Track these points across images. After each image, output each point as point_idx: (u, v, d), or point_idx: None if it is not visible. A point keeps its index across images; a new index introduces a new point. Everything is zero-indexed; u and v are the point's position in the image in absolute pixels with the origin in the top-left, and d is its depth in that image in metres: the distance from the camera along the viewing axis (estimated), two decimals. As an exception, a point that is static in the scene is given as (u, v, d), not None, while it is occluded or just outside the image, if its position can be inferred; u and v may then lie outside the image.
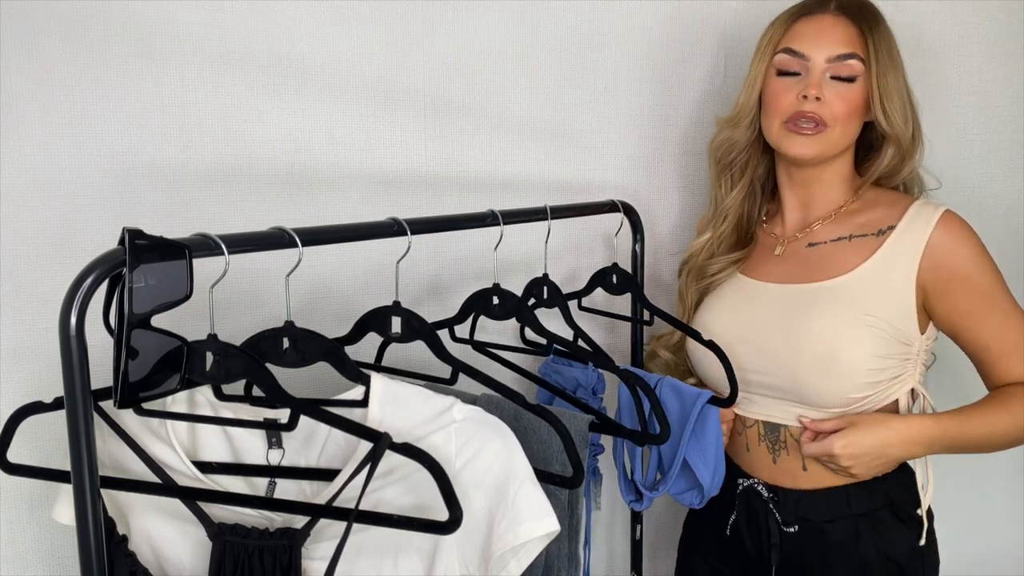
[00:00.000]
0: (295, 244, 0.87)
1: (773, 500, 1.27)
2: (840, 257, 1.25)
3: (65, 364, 0.72)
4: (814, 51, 1.22)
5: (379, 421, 0.95)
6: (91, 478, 0.75)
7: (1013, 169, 1.65)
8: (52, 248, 1.24)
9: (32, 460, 0.93)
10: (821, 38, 1.22)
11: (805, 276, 1.26)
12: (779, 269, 1.30)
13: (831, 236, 1.28)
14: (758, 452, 1.29)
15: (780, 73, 1.25)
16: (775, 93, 1.25)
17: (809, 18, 1.24)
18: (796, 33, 1.24)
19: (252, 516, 0.92)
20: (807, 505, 1.25)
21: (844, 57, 1.21)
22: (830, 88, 1.21)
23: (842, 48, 1.21)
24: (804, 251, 1.29)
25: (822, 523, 1.24)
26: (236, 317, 1.31)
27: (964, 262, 1.20)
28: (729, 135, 1.33)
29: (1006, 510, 1.79)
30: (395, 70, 1.38)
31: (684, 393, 1.23)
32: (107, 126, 1.25)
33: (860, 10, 1.24)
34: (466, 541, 0.93)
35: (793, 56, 1.23)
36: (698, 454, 1.22)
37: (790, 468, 1.26)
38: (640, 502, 1.30)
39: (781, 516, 1.26)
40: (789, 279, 1.28)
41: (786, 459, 1.26)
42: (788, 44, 1.24)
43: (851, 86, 1.22)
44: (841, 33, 1.22)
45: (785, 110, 1.23)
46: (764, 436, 1.28)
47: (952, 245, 1.20)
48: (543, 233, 1.23)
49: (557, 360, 1.38)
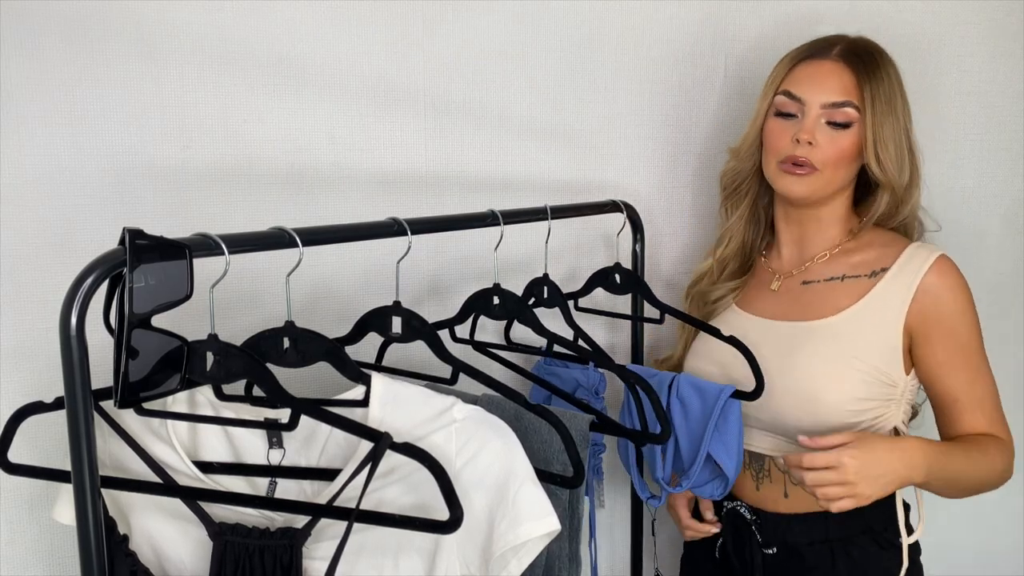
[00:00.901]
0: (295, 244, 0.87)
1: (755, 523, 1.29)
2: (832, 297, 1.27)
3: (65, 364, 0.72)
4: (810, 96, 1.23)
5: (379, 421, 0.95)
6: (91, 478, 0.75)
7: (1013, 169, 1.65)
8: (52, 248, 1.24)
9: (32, 460, 0.93)
10: (818, 84, 1.23)
11: (797, 314, 1.29)
12: (773, 305, 1.32)
13: (825, 275, 1.30)
14: (743, 478, 1.31)
15: (778, 114, 1.27)
16: (772, 133, 1.27)
17: (811, 62, 1.26)
18: (796, 77, 1.26)
19: (253, 516, 0.92)
20: (786, 528, 1.27)
21: (839, 105, 1.22)
22: (824, 132, 1.23)
23: (837, 96, 1.22)
24: (798, 288, 1.31)
25: (800, 547, 1.26)
26: (236, 317, 1.31)
27: (950, 313, 1.21)
28: (735, 165, 1.37)
29: (1006, 510, 1.79)
30: (395, 70, 1.38)
31: (704, 389, 1.24)
32: (107, 126, 1.25)
33: (861, 57, 1.24)
34: (467, 541, 0.93)
35: (791, 99, 1.25)
36: (722, 447, 1.23)
37: (772, 495, 1.29)
38: (658, 499, 1.30)
39: (762, 538, 1.29)
40: (782, 316, 1.30)
41: (769, 486, 1.29)
42: (787, 87, 1.26)
43: (845, 132, 1.23)
44: (838, 81, 1.23)
45: (780, 151, 1.25)
46: (749, 464, 1.30)
47: (942, 293, 1.21)
48: (543, 233, 1.23)
49: (551, 362, 1.38)
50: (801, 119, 1.24)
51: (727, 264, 1.39)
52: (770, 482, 1.28)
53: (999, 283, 1.31)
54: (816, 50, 1.27)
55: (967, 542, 1.73)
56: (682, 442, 1.26)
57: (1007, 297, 1.67)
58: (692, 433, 1.24)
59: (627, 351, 1.46)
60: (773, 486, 1.28)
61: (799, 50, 1.29)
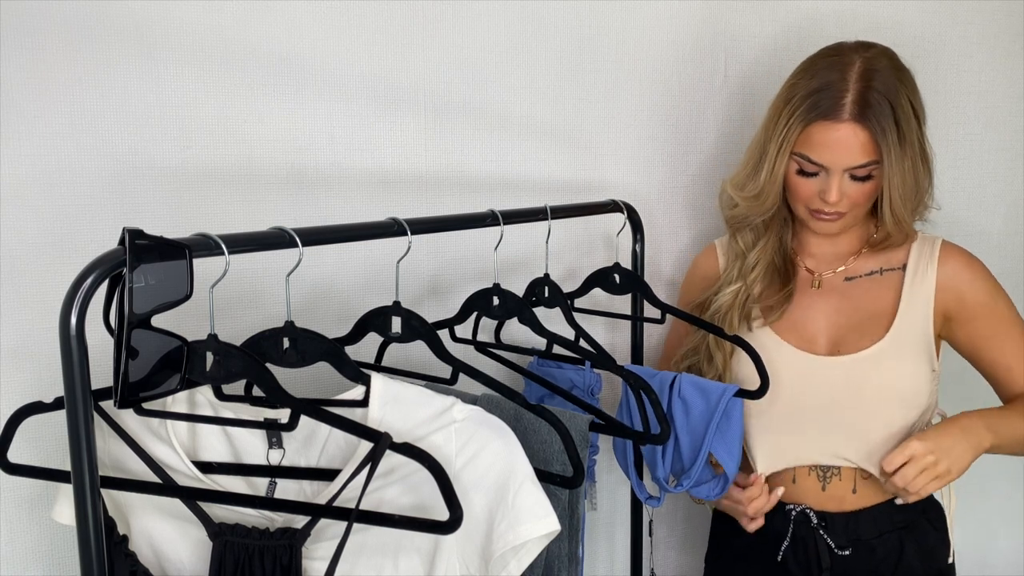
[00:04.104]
0: (295, 244, 0.87)
1: (822, 526, 1.29)
2: (877, 293, 1.31)
3: (65, 364, 0.72)
4: (831, 163, 1.21)
5: (379, 421, 0.95)
6: (91, 478, 0.75)
7: (1013, 169, 1.65)
8: (52, 248, 1.24)
9: (32, 460, 0.93)
10: (838, 152, 1.21)
11: (850, 312, 1.31)
12: (822, 306, 1.33)
13: (865, 270, 1.33)
14: (807, 482, 1.31)
15: (800, 173, 1.25)
16: (797, 186, 1.26)
17: (824, 124, 1.20)
18: (812, 142, 1.22)
19: (252, 516, 0.92)
20: (855, 525, 1.28)
21: (861, 167, 1.21)
22: (848, 185, 1.23)
23: (858, 160, 1.21)
24: (843, 285, 1.34)
25: (871, 540, 1.28)
26: (236, 317, 1.31)
27: (984, 292, 1.29)
28: (748, 208, 1.31)
29: (1006, 510, 1.79)
30: (395, 70, 1.38)
31: (707, 388, 1.24)
32: (107, 126, 1.25)
33: (874, 109, 1.19)
34: (466, 541, 0.93)
35: (810, 163, 1.23)
36: (723, 447, 1.23)
37: (838, 493, 1.29)
38: (658, 500, 1.30)
39: (833, 540, 1.29)
40: (835, 316, 1.31)
41: (837, 484, 1.30)
42: (805, 151, 1.23)
43: (868, 182, 1.23)
44: (857, 144, 1.20)
45: (807, 200, 1.26)
46: (814, 469, 1.31)
47: (970, 276, 1.29)
48: (543, 233, 1.23)
49: (544, 363, 1.37)
50: (824, 177, 1.23)
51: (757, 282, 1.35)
52: (839, 480, 1.29)
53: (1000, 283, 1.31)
54: (827, 108, 1.20)
55: (967, 542, 1.73)
56: (683, 441, 1.26)
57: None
58: (694, 432, 1.24)
59: (627, 351, 1.46)
60: (842, 483, 1.29)
61: (807, 106, 1.21)
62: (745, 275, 1.35)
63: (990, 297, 1.29)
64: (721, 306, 1.36)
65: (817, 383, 1.28)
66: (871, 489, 1.28)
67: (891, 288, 1.31)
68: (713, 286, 1.40)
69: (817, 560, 1.29)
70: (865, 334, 1.29)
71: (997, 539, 1.80)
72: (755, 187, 1.29)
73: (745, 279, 1.35)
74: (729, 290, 1.36)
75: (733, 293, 1.35)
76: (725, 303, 1.36)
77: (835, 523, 1.29)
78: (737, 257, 1.38)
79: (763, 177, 1.27)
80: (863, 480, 1.28)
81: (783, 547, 1.31)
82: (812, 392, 1.28)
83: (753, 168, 1.29)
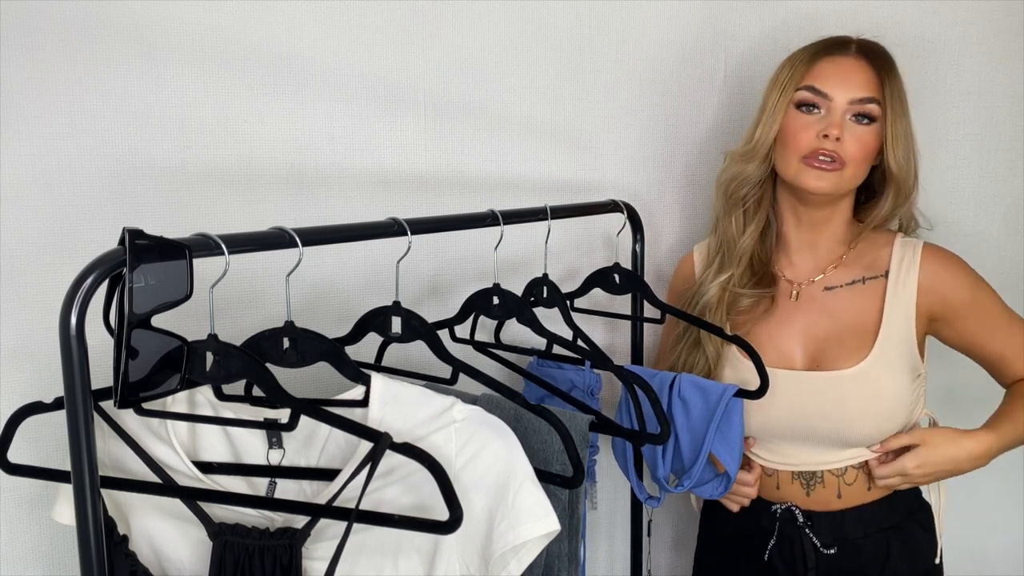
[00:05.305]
0: (295, 244, 0.87)
1: (808, 525, 1.29)
2: (860, 304, 1.29)
3: (65, 364, 0.72)
4: (837, 92, 1.22)
5: (379, 421, 0.95)
6: (91, 478, 0.75)
7: (1013, 169, 1.65)
8: (52, 248, 1.24)
9: (32, 460, 0.93)
10: (844, 79, 1.23)
11: (829, 325, 1.29)
12: (800, 318, 1.31)
13: (846, 279, 1.31)
14: (790, 488, 1.31)
15: (800, 107, 1.25)
16: (795, 130, 1.25)
17: (832, 58, 1.25)
18: (819, 72, 1.24)
19: (252, 516, 0.92)
20: (841, 524, 1.28)
21: (865, 100, 1.22)
22: (848, 129, 1.23)
23: (864, 91, 1.22)
24: (822, 296, 1.32)
25: (857, 540, 1.28)
26: (236, 317, 1.31)
27: (966, 289, 1.28)
28: (741, 169, 1.31)
29: (1006, 510, 1.79)
30: (395, 70, 1.38)
31: (707, 388, 1.24)
32: (107, 126, 1.25)
33: (879, 55, 1.26)
34: (466, 541, 0.93)
35: (815, 94, 1.24)
36: (724, 447, 1.23)
37: (823, 498, 1.29)
38: (657, 500, 1.30)
39: (819, 540, 1.28)
40: (813, 329, 1.30)
41: (821, 490, 1.29)
42: (811, 82, 1.24)
43: (868, 128, 1.23)
44: (863, 76, 1.23)
45: (804, 147, 1.23)
46: (797, 476, 1.30)
47: (944, 277, 1.27)
48: (543, 233, 1.23)
49: (543, 363, 1.37)
50: (826, 115, 1.23)
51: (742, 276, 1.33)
52: (823, 487, 1.29)
53: (1000, 284, 1.31)
54: (833, 47, 1.26)
55: (967, 541, 1.73)
56: (683, 441, 1.26)
57: (1008, 298, 1.66)
58: (694, 432, 1.24)
59: (627, 351, 1.46)
60: (826, 490, 1.29)
61: (814, 47, 1.27)
62: (732, 263, 1.33)
63: (972, 293, 1.28)
64: (709, 300, 1.35)
65: (795, 399, 1.26)
66: (856, 492, 1.28)
67: (874, 298, 1.28)
68: (692, 288, 1.40)
69: (803, 559, 1.28)
70: (848, 349, 1.27)
71: (994, 534, 1.79)
72: (749, 142, 1.30)
73: (734, 268, 1.33)
74: (716, 283, 1.34)
75: (720, 286, 1.34)
76: (713, 296, 1.34)
77: (821, 522, 1.28)
78: (720, 248, 1.36)
79: (759, 129, 1.28)
80: (847, 487, 1.28)
81: (769, 545, 1.31)
82: (790, 407, 1.27)
83: (751, 129, 1.31)
